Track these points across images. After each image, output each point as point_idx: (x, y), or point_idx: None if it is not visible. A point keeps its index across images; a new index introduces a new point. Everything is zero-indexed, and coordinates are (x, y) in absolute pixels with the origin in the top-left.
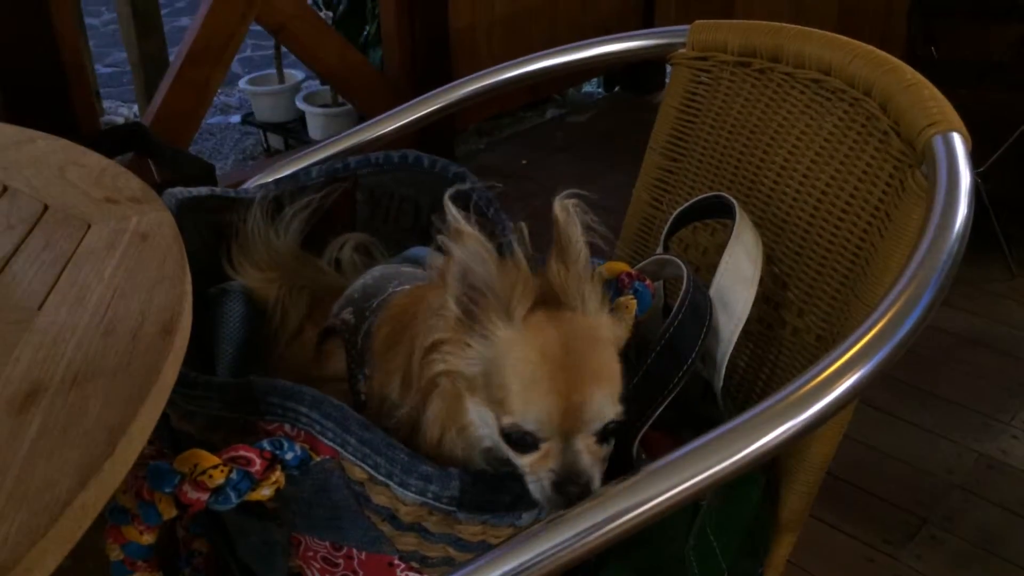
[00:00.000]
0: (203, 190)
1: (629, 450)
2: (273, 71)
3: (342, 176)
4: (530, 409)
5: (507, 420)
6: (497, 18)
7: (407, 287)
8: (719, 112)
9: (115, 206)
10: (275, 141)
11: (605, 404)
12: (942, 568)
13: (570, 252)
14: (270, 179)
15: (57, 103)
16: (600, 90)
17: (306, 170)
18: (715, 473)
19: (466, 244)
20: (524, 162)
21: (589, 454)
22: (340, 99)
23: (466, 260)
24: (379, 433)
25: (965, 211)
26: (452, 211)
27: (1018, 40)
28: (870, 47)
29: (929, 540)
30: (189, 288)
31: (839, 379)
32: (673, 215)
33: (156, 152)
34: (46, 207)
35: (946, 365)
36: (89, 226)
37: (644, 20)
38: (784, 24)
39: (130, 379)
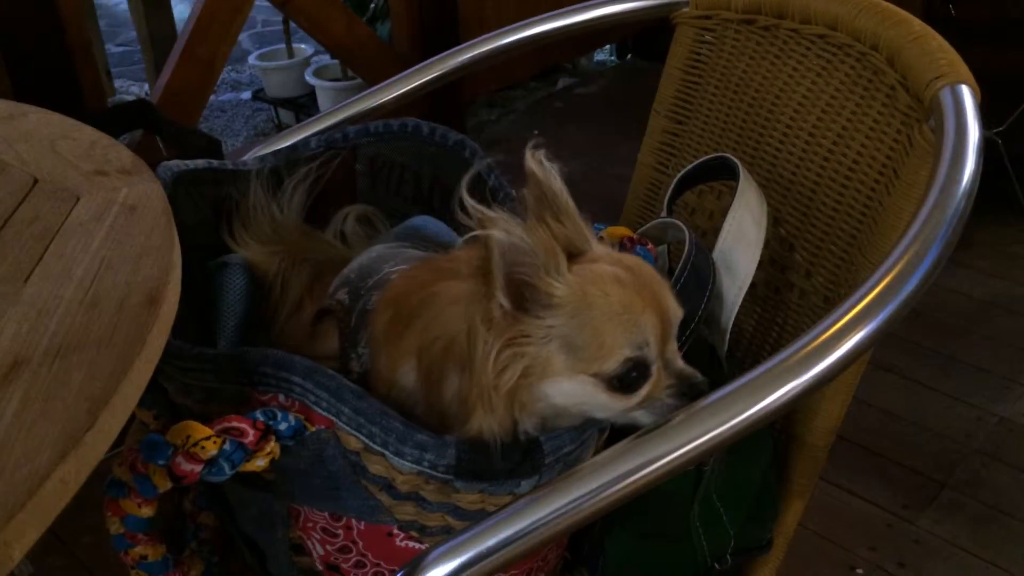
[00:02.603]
0: (200, 162)
1: None
2: (282, 46)
3: (340, 146)
4: (636, 334)
5: (613, 364)
6: None
7: (404, 267)
8: (724, 72)
9: (104, 178)
10: (286, 117)
11: (676, 305)
12: (961, 532)
13: (559, 204)
14: (268, 151)
15: (64, 84)
16: (613, 58)
17: (305, 141)
18: (715, 437)
19: (497, 228)
20: (536, 132)
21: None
22: (350, 72)
23: (504, 243)
24: (373, 402)
25: (973, 166)
26: (470, 203)
27: None
28: (878, 0)
29: (948, 505)
30: (178, 259)
31: (842, 338)
32: (678, 176)
33: (163, 129)
34: (36, 180)
35: (966, 329)
36: (78, 199)
37: None
38: None
39: (114, 351)
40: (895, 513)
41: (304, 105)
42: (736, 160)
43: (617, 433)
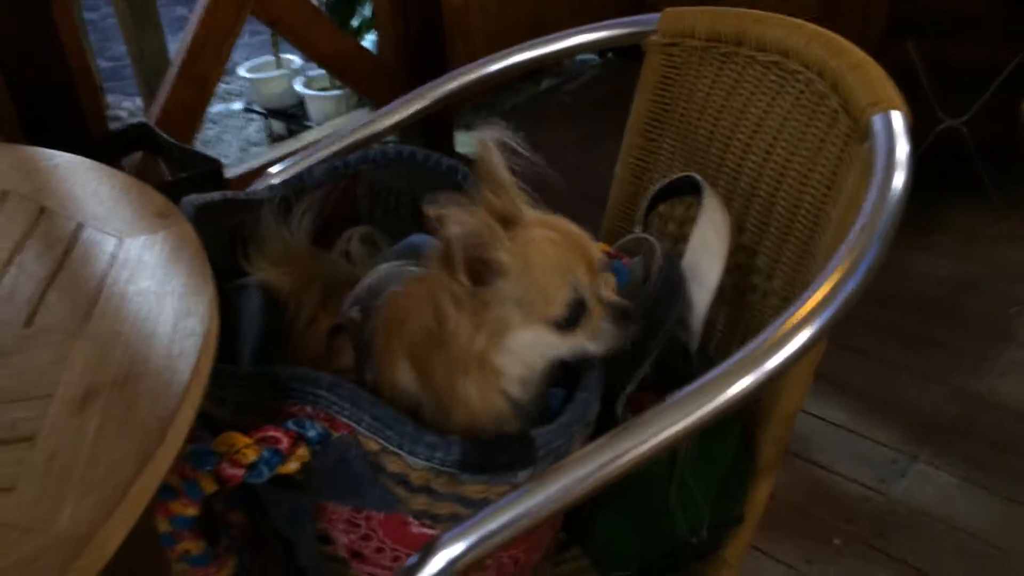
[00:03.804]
0: (216, 195)
1: (613, 411)
2: (271, 57)
3: (343, 173)
4: (571, 279)
5: (558, 308)
6: None
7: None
8: (689, 93)
9: (143, 222)
10: (277, 126)
11: (598, 250)
12: (932, 502)
13: (497, 178)
14: (276, 181)
15: (66, 107)
16: (595, 58)
17: (309, 170)
18: (688, 424)
19: (452, 222)
20: (521, 133)
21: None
22: (338, 82)
23: (459, 234)
24: (388, 409)
25: (902, 181)
26: (428, 211)
27: None
28: (825, 31)
29: (919, 477)
30: (215, 294)
31: (795, 333)
32: (648, 195)
33: (165, 151)
34: (80, 225)
35: (937, 310)
36: (121, 241)
37: None
38: (747, 10)
39: (172, 378)
40: (871, 487)
41: (295, 115)
42: (701, 179)
43: (600, 429)
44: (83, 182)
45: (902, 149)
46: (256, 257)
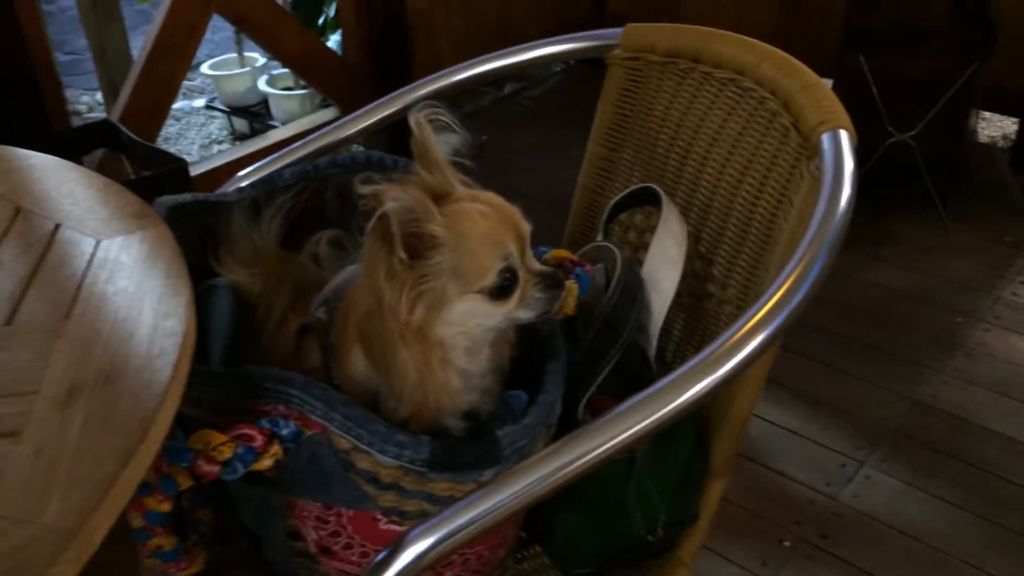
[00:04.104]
0: (187, 197)
1: (574, 413)
2: (234, 55)
3: (312, 177)
4: (502, 250)
5: (491, 277)
6: None
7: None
8: (649, 107)
9: (119, 223)
10: (240, 124)
11: (526, 223)
12: (878, 505)
13: (430, 156)
14: (245, 183)
15: (27, 102)
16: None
17: (279, 172)
18: (645, 426)
19: (388, 198)
20: (484, 137)
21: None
22: (302, 81)
23: (396, 209)
24: (359, 409)
25: (847, 196)
26: (364, 190)
27: (951, 5)
28: (778, 51)
29: (866, 481)
30: (192, 295)
31: (747, 340)
32: (609, 204)
33: (128, 149)
34: (57, 226)
35: (884, 319)
36: (98, 242)
37: None
38: (706, 28)
39: (152, 376)
40: (818, 490)
41: (258, 113)
42: (660, 190)
43: (561, 430)
44: (58, 182)
45: (848, 166)
46: (226, 258)
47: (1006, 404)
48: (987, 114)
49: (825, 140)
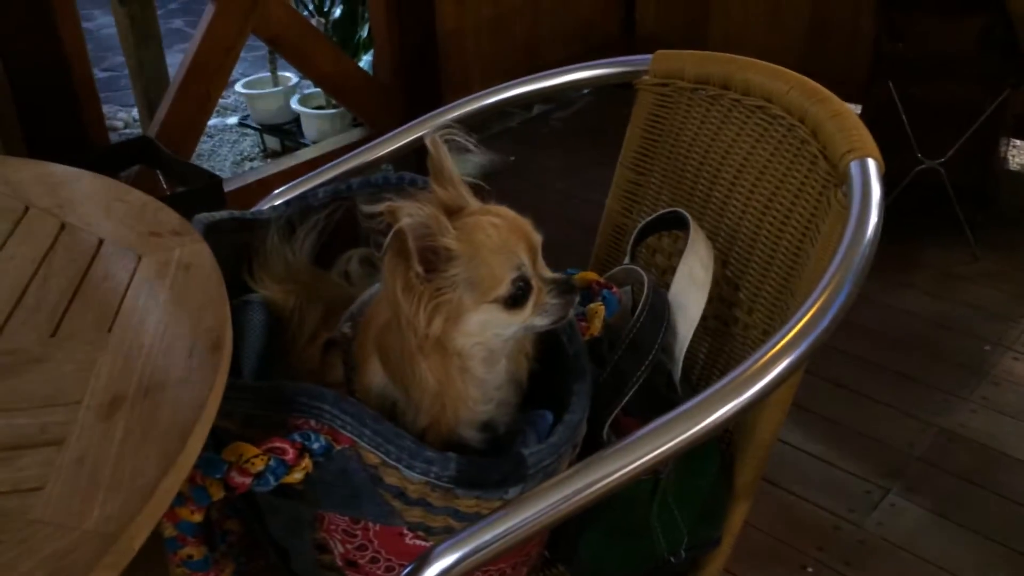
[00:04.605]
0: (223, 214)
1: (600, 434)
2: (268, 74)
3: (345, 196)
4: (515, 260)
5: (505, 287)
6: (483, 20)
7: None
8: (678, 132)
9: (159, 239)
10: (271, 142)
11: (537, 234)
12: (903, 534)
13: (445, 174)
14: (280, 201)
15: (68, 119)
16: None
17: (313, 191)
18: (670, 447)
19: (404, 213)
20: (512, 158)
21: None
22: (334, 100)
23: (412, 225)
24: (389, 425)
25: (874, 224)
26: (378, 207)
27: (979, 33)
28: (807, 79)
29: (891, 509)
30: (228, 310)
31: (772, 365)
32: (637, 228)
33: (164, 165)
34: (101, 241)
35: (913, 346)
36: (140, 258)
37: (625, 18)
38: (734, 56)
39: (191, 389)
40: (842, 516)
41: (290, 131)
42: (687, 214)
43: (586, 450)
44: (103, 199)
45: (876, 195)
46: (260, 274)
47: None
48: (1018, 142)
49: (853, 168)
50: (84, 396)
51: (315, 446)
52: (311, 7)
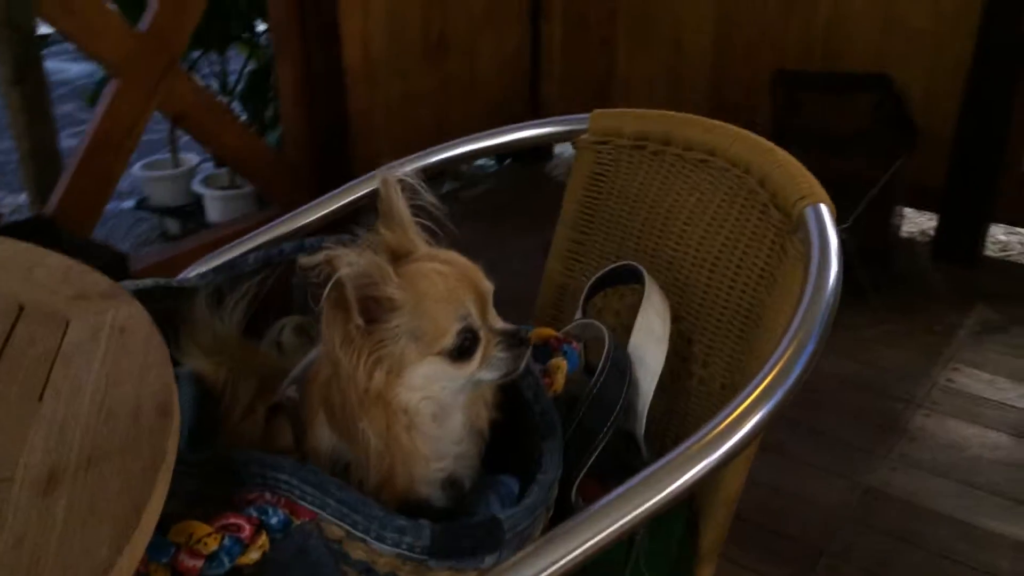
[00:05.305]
0: (148, 282)
1: (568, 497)
2: (167, 156)
3: (277, 263)
4: (460, 310)
5: (450, 339)
6: (393, 99)
7: None
8: (621, 189)
9: (88, 302)
10: (171, 225)
11: (487, 282)
12: None
13: (394, 215)
14: (208, 267)
15: None
16: (492, 163)
17: (243, 257)
18: (647, 509)
19: (342, 263)
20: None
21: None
22: (238, 181)
23: (351, 275)
24: (354, 493)
25: (835, 270)
26: (308, 261)
27: (871, 108)
28: (746, 132)
29: (827, 570)
30: (172, 373)
31: (742, 422)
32: (590, 282)
33: (65, 243)
34: (21, 307)
35: (833, 406)
36: (68, 322)
37: (531, 101)
38: (672, 112)
39: (140, 457)
40: None
41: (191, 213)
42: (641, 267)
43: (559, 514)
44: (20, 264)
45: (833, 241)
46: (189, 345)
47: (951, 487)
48: (907, 210)
49: (808, 214)
50: (15, 472)
51: (273, 520)
52: (215, 84)
